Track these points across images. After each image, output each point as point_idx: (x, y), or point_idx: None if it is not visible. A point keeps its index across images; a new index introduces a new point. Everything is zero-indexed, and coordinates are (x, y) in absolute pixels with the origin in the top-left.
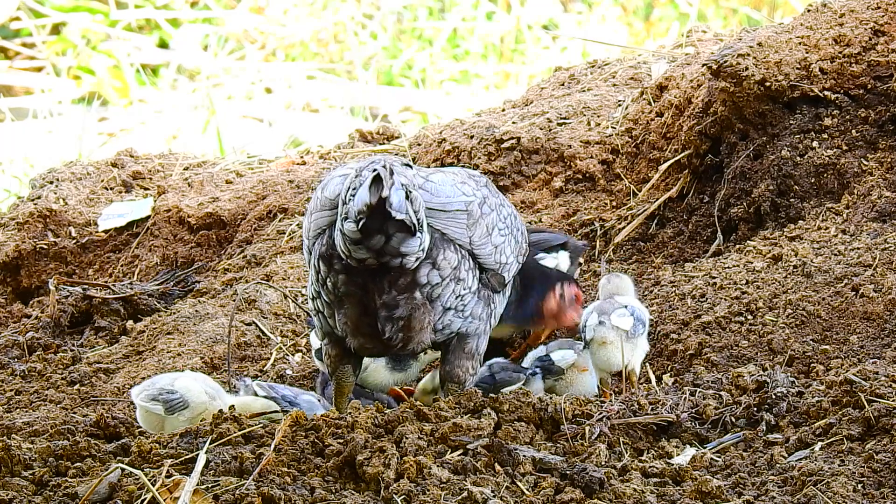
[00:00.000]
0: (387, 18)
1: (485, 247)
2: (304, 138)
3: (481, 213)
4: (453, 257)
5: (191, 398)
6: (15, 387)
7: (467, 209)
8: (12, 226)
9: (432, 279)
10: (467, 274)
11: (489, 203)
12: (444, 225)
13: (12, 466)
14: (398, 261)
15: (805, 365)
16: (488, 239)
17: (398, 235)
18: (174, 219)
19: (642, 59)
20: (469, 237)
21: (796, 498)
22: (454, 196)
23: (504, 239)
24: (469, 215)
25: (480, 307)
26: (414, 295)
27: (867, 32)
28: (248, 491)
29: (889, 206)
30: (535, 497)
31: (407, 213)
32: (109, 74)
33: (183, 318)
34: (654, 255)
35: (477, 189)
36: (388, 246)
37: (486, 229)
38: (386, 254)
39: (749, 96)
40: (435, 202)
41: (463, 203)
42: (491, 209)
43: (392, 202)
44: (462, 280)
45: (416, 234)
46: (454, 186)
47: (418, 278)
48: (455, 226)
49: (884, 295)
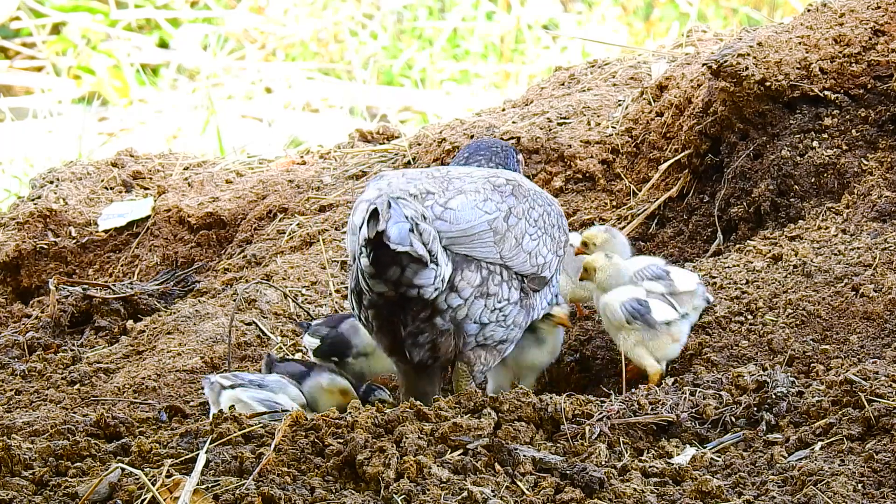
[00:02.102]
0: (387, 18)
1: (517, 257)
2: (304, 138)
3: (507, 227)
4: (474, 277)
5: (286, 404)
6: (15, 387)
7: (491, 227)
8: (12, 226)
9: (452, 302)
10: (500, 287)
11: (515, 213)
12: (469, 249)
13: (12, 466)
14: (415, 292)
15: (805, 365)
16: (519, 249)
17: (412, 267)
18: (174, 219)
19: (642, 59)
20: (499, 253)
21: (796, 498)
22: (476, 218)
23: (537, 242)
24: (494, 233)
25: (522, 316)
26: (435, 322)
27: (867, 32)
28: (248, 491)
29: (889, 205)
30: (535, 497)
31: (411, 245)
32: (109, 74)
33: (183, 318)
34: (654, 255)
35: (501, 202)
36: (403, 277)
37: (515, 241)
38: (402, 285)
39: (749, 96)
40: (455, 230)
41: (486, 223)
42: (518, 218)
43: (390, 235)
44: (493, 295)
45: (430, 266)
46: (475, 208)
47: (438, 305)
48: (481, 246)
49: (884, 295)
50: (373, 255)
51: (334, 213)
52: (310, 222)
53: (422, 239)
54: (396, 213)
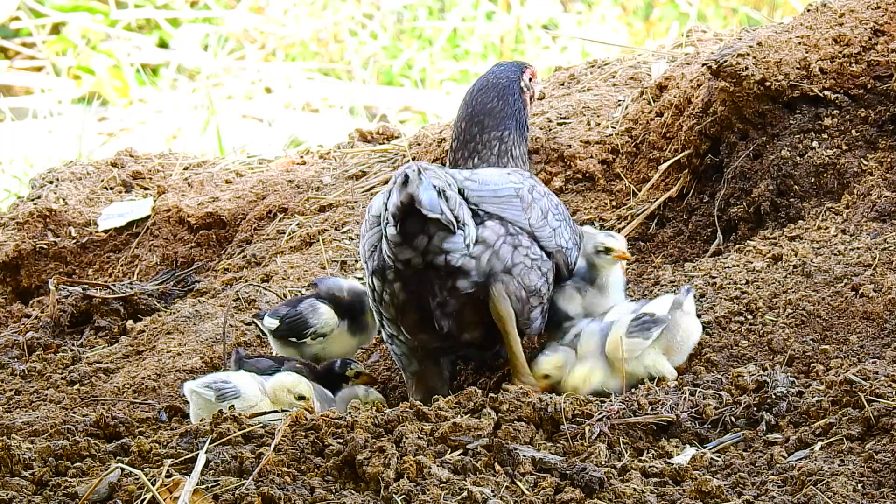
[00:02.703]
0: (387, 18)
1: (544, 228)
2: (303, 138)
3: (533, 198)
4: (499, 227)
5: (244, 390)
6: (15, 387)
7: (518, 194)
8: (12, 226)
9: (476, 253)
10: (530, 245)
11: (538, 190)
12: (500, 209)
13: (12, 466)
14: (442, 258)
15: (805, 365)
16: (545, 221)
17: (440, 234)
18: (174, 219)
19: (642, 59)
20: (528, 219)
21: (796, 498)
22: (503, 183)
23: (560, 223)
24: (521, 199)
25: (551, 275)
26: (458, 285)
27: (867, 32)
28: (248, 491)
29: (889, 205)
30: (535, 497)
31: (441, 212)
32: (109, 74)
33: (183, 318)
34: (653, 255)
35: (523, 179)
36: (431, 245)
37: (541, 212)
38: (430, 252)
39: (749, 96)
40: (485, 190)
41: (513, 189)
42: (541, 195)
43: (422, 200)
44: (521, 246)
45: (457, 232)
46: (501, 176)
47: (464, 266)
48: (511, 209)
49: (884, 295)
50: (400, 225)
51: (334, 213)
52: (310, 222)
53: (449, 205)
54: (427, 182)
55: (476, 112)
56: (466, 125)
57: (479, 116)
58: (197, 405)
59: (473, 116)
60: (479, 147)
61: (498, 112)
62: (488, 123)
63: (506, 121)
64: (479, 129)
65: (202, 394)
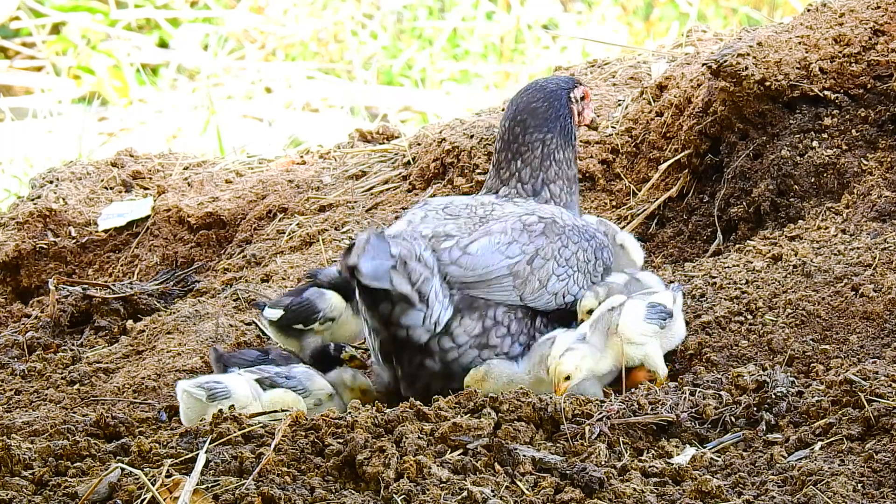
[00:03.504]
0: (387, 18)
1: (540, 298)
2: (303, 138)
3: (531, 270)
4: (473, 325)
5: (235, 390)
6: (15, 386)
7: (511, 272)
8: (12, 225)
9: (444, 345)
10: (502, 341)
11: (543, 253)
12: (485, 292)
13: (12, 466)
14: (404, 332)
15: (805, 365)
16: (543, 290)
17: (400, 306)
18: (174, 218)
19: (642, 59)
20: (519, 295)
21: (796, 498)
22: (495, 263)
23: (566, 281)
24: (515, 276)
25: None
26: (426, 363)
27: (867, 32)
28: (248, 491)
29: (889, 205)
30: (535, 497)
31: (390, 282)
32: (109, 74)
33: (183, 318)
34: (653, 255)
35: (528, 243)
36: (392, 316)
37: (538, 283)
38: (392, 324)
39: (749, 96)
40: (470, 275)
41: (506, 267)
42: (546, 259)
43: (362, 270)
44: (493, 346)
45: (417, 307)
46: (497, 252)
47: (430, 347)
48: (499, 290)
49: (884, 295)
50: (362, 293)
51: (334, 213)
52: (309, 222)
53: (410, 279)
54: (378, 250)
55: (520, 111)
56: (510, 124)
57: (523, 115)
58: (187, 405)
59: (517, 115)
60: (522, 149)
61: (542, 113)
62: (531, 123)
63: (549, 123)
64: (521, 129)
65: (193, 393)
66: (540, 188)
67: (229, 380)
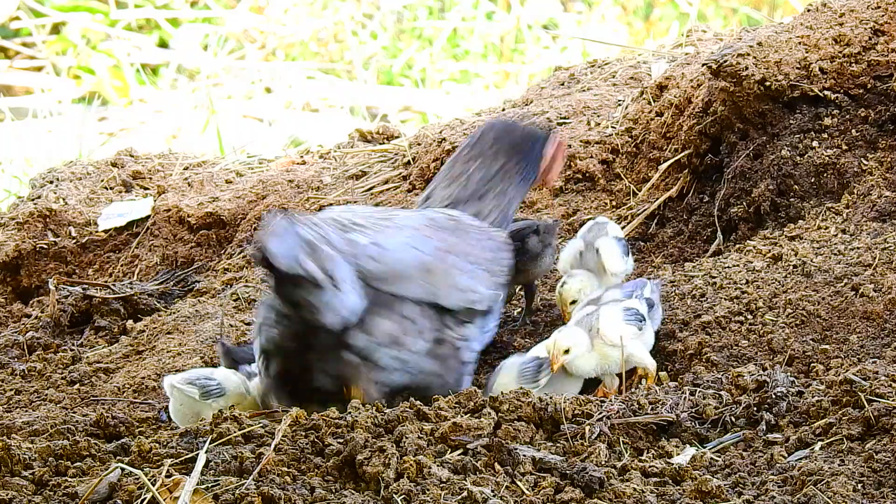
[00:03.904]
0: (387, 18)
1: (450, 296)
2: (304, 138)
3: (439, 264)
4: (388, 323)
5: (228, 387)
6: (15, 387)
7: (421, 265)
8: (12, 225)
9: (361, 343)
10: (412, 339)
11: (449, 246)
12: (395, 287)
13: (12, 466)
14: (317, 318)
15: (805, 365)
16: (451, 287)
17: (312, 292)
18: (174, 218)
19: (642, 59)
20: (428, 291)
21: (796, 498)
22: (405, 255)
23: (472, 279)
24: (425, 271)
25: (429, 363)
26: (342, 355)
27: (867, 32)
28: (248, 491)
29: (889, 205)
30: (535, 497)
31: (301, 266)
32: (109, 74)
33: (183, 318)
34: (653, 255)
35: (437, 240)
36: (303, 301)
37: (448, 279)
38: (303, 308)
39: (749, 96)
40: (381, 269)
41: (416, 259)
42: (456, 255)
43: (269, 249)
44: (403, 345)
45: (329, 291)
46: (406, 245)
47: (346, 339)
48: (409, 284)
49: (884, 295)
50: (272, 277)
51: None
52: None
53: (318, 262)
54: (285, 232)
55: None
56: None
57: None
58: (178, 401)
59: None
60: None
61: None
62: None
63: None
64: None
65: (185, 391)
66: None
67: (220, 375)
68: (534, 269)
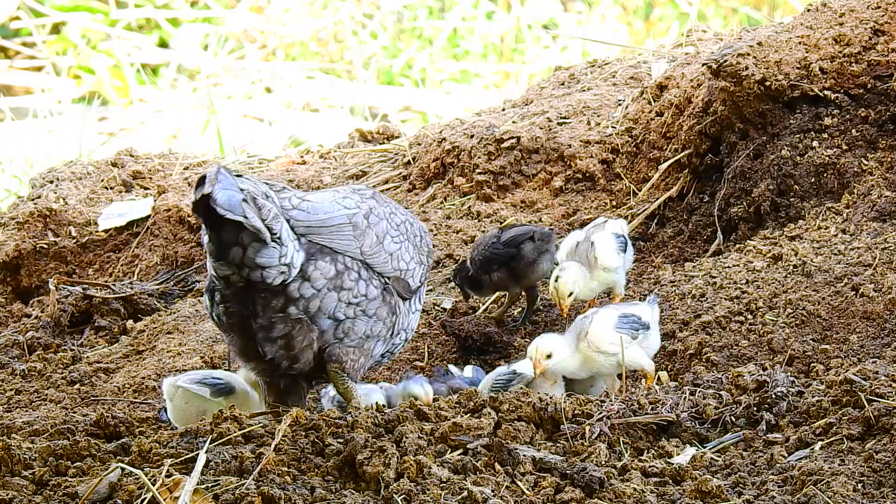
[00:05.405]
0: (387, 18)
1: (378, 255)
2: (304, 138)
3: (368, 224)
4: (328, 268)
5: (236, 384)
6: (15, 386)
7: (351, 221)
8: (12, 225)
9: (304, 292)
10: (357, 283)
11: (377, 213)
12: (328, 240)
13: (12, 466)
14: (258, 274)
15: (805, 364)
16: (381, 247)
17: (253, 245)
18: (174, 218)
19: (642, 59)
20: (359, 248)
21: (796, 497)
22: (335, 211)
23: (399, 245)
24: (354, 227)
25: (385, 310)
26: (288, 311)
27: (867, 32)
28: (248, 490)
29: (889, 205)
30: (535, 496)
31: (244, 215)
32: (109, 74)
33: (183, 318)
34: (654, 255)
35: (361, 202)
36: (245, 258)
37: (376, 238)
38: (245, 266)
39: (749, 96)
40: (313, 219)
41: (345, 216)
42: (380, 218)
43: (216, 198)
44: (348, 289)
45: (271, 244)
46: (334, 202)
47: (289, 293)
48: (341, 238)
49: (884, 295)
50: (214, 235)
51: None
52: None
53: (260, 214)
54: (228, 182)
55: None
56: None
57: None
58: (184, 400)
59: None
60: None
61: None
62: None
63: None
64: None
65: (194, 390)
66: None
67: (224, 374)
68: (531, 274)
